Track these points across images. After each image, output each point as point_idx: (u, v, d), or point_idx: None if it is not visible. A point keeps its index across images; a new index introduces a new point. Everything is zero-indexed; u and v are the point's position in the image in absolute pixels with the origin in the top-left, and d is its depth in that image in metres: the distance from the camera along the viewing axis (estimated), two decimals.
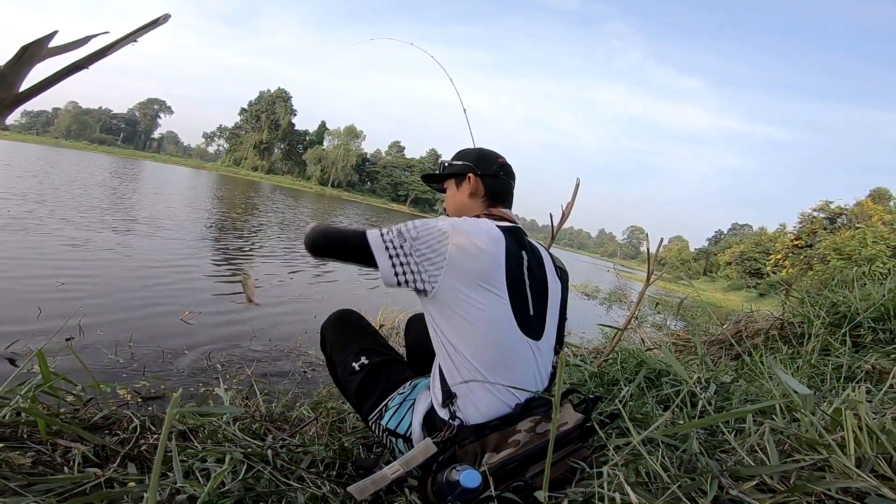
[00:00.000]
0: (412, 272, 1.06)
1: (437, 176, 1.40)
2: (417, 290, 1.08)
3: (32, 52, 0.53)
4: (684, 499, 0.70)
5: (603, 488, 0.72)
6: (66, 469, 0.96)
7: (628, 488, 0.66)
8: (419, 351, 1.46)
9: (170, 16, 0.57)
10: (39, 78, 0.53)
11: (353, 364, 1.27)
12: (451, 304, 1.06)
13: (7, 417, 1.04)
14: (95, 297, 3.67)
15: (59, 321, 2.93)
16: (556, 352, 1.23)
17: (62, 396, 1.26)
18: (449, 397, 1.06)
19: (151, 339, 3.03)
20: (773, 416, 1.01)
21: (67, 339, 2.74)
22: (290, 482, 1.05)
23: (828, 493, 0.68)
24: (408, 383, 1.23)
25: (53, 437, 1.05)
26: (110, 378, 2.41)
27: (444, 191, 1.43)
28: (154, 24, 0.56)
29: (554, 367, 1.19)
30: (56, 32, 0.53)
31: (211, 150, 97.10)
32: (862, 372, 1.73)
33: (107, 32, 0.56)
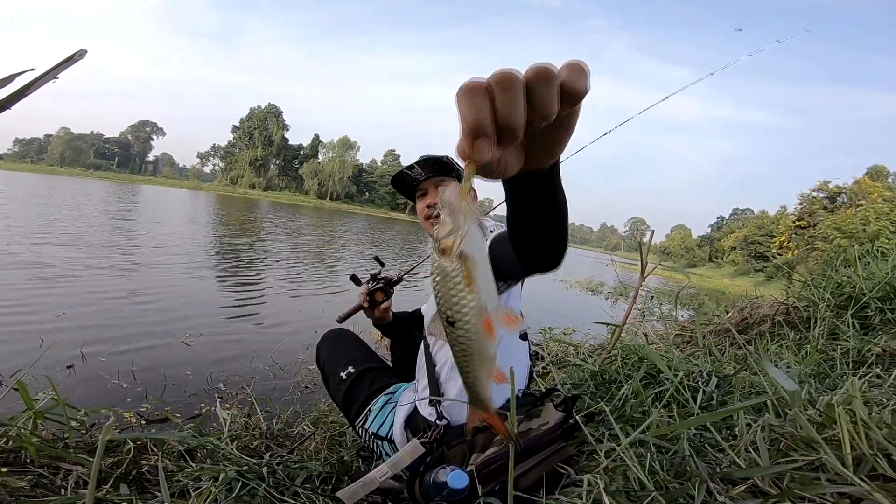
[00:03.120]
0: None
1: (448, 167, 1.31)
2: None
3: None
4: None
5: (582, 497, 0.70)
6: (62, 491, 0.97)
7: (606, 498, 0.64)
8: (404, 359, 1.49)
9: (86, 51, 0.57)
10: None
11: (341, 374, 1.31)
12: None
13: (10, 444, 1.05)
14: (96, 323, 3.67)
15: (60, 349, 2.92)
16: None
17: (65, 422, 1.26)
18: (437, 395, 1.07)
19: (153, 362, 3.02)
20: (774, 413, 0.98)
21: (69, 367, 2.73)
22: (285, 498, 1.04)
23: (822, 496, 0.65)
24: (391, 387, 1.26)
25: (56, 460, 1.06)
26: (114, 402, 2.40)
27: (412, 189, 1.37)
28: (70, 60, 0.56)
29: (531, 366, 1.23)
30: None
31: (207, 169, 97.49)
32: (872, 355, 1.69)
33: (32, 69, 0.55)
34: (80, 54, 0.56)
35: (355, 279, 1.62)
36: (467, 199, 0.42)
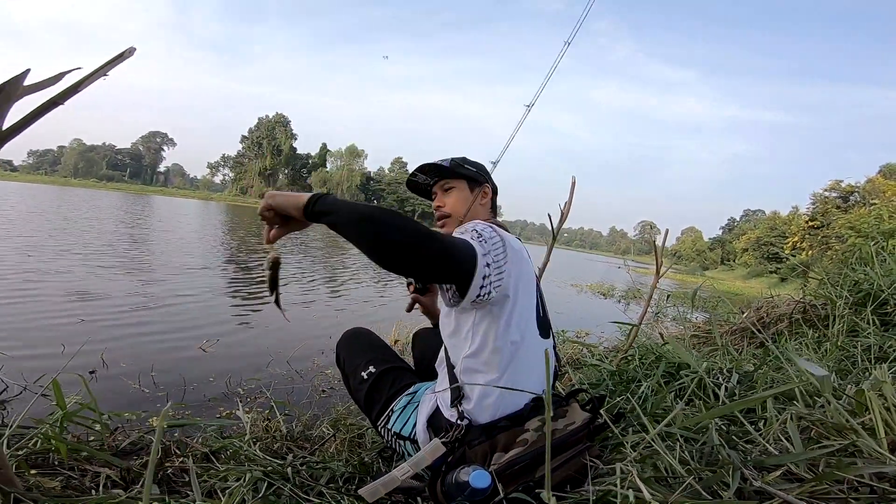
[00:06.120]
0: (490, 283, 0.96)
1: (448, 171, 1.32)
2: (479, 300, 0.98)
3: (9, 92, 0.55)
4: (704, 492, 0.68)
5: (616, 485, 0.70)
6: (93, 492, 0.98)
7: (641, 484, 0.64)
8: (426, 361, 1.48)
9: (135, 49, 0.60)
10: (18, 116, 0.55)
11: (362, 374, 1.32)
12: (497, 305, 1.02)
13: (39, 445, 1.07)
14: (115, 330, 3.74)
15: (82, 355, 2.97)
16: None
17: (90, 425, 1.28)
18: (458, 397, 1.06)
19: (173, 369, 3.07)
20: (803, 403, 0.97)
21: (91, 372, 2.79)
22: (310, 498, 1.05)
23: (860, 479, 0.65)
24: (413, 387, 1.26)
25: (83, 462, 1.08)
26: (135, 407, 2.44)
27: (428, 191, 1.41)
28: (121, 57, 0.59)
29: (557, 366, 1.22)
30: (29, 71, 0.56)
31: (217, 180, 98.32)
32: (893, 351, 1.68)
33: (79, 68, 0.58)
34: (130, 52, 0.59)
35: None
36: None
